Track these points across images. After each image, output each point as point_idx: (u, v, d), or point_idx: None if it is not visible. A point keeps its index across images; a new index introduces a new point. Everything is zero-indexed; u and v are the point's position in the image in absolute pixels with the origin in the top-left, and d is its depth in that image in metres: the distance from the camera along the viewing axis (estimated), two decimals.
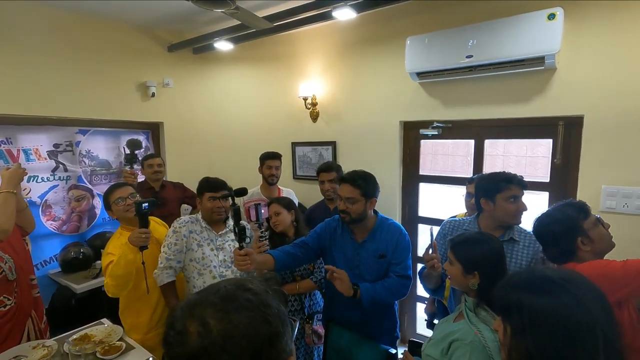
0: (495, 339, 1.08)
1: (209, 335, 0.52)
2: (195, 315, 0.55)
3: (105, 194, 1.99)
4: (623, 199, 1.98)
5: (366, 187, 1.72)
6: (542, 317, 0.73)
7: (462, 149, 6.60)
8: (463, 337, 1.11)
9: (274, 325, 0.56)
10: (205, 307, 0.55)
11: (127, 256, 1.74)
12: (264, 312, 0.56)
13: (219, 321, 0.53)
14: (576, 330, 0.71)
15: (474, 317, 1.16)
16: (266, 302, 0.58)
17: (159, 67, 3.30)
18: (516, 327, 0.76)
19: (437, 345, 1.20)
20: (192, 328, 0.53)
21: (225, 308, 0.55)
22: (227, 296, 0.57)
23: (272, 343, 0.55)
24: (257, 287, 0.60)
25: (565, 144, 2.21)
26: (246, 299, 0.56)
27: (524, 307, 0.76)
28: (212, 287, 0.60)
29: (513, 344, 0.76)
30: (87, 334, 1.86)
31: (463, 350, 1.09)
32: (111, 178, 3.17)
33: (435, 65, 2.35)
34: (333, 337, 1.85)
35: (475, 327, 1.11)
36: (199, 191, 2.02)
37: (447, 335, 1.17)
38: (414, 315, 3.04)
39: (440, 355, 1.17)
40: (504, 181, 1.55)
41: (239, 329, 0.53)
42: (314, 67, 3.24)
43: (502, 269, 1.23)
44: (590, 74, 2.03)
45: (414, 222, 2.93)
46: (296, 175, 3.54)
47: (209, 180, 2.02)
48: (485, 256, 1.19)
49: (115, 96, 3.04)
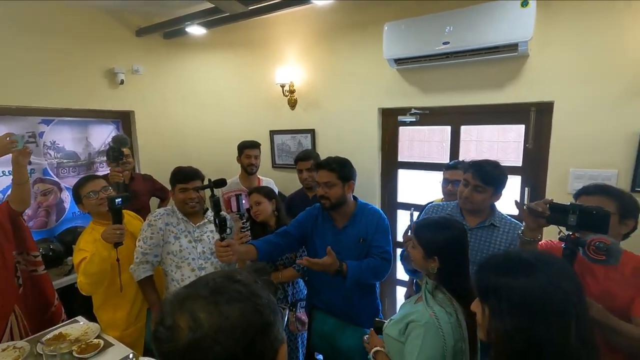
0: (449, 321, 1.12)
1: (200, 328, 0.52)
2: (185, 309, 0.54)
3: (75, 187, 1.89)
4: (589, 181, 2.07)
5: (342, 170, 1.74)
6: (519, 298, 0.76)
7: (437, 135, 6.74)
8: (418, 318, 1.15)
9: (265, 315, 0.56)
10: (195, 300, 0.55)
11: (101, 253, 1.68)
12: (254, 302, 0.56)
13: (210, 314, 0.53)
14: (551, 310, 0.74)
15: (431, 300, 1.19)
16: (256, 292, 0.57)
17: (127, 53, 3.13)
18: (494, 309, 0.79)
19: (396, 325, 1.23)
20: (183, 323, 0.53)
21: (215, 300, 0.54)
22: (216, 288, 0.56)
23: (264, 333, 0.56)
24: (246, 278, 0.59)
25: (536, 129, 2.29)
26: (236, 290, 0.56)
27: (502, 289, 0.78)
28: (201, 280, 0.59)
29: (492, 325, 0.79)
30: (61, 333, 1.80)
31: (418, 331, 1.13)
32: (80, 170, 3.02)
33: (413, 51, 2.35)
34: (317, 324, 1.87)
35: (431, 309, 1.14)
36: (171, 182, 1.94)
37: (406, 316, 1.20)
38: (394, 298, 3.12)
39: (398, 335, 1.21)
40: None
41: (230, 320, 0.53)
42: (291, 53, 3.17)
43: (462, 254, 1.24)
44: (560, 61, 2.09)
45: (393, 208, 2.98)
46: (275, 164, 3.50)
47: (180, 171, 1.93)
48: (445, 242, 1.20)
49: (81, 83, 2.86)
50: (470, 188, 1.58)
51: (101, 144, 3.17)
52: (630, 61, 1.92)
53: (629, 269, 1.28)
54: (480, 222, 1.63)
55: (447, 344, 1.10)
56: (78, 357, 1.62)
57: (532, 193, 2.37)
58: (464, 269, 1.24)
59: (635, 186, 1.95)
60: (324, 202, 1.76)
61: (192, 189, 1.87)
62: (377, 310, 1.91)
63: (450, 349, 1.10)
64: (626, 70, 1.93)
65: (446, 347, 1.09)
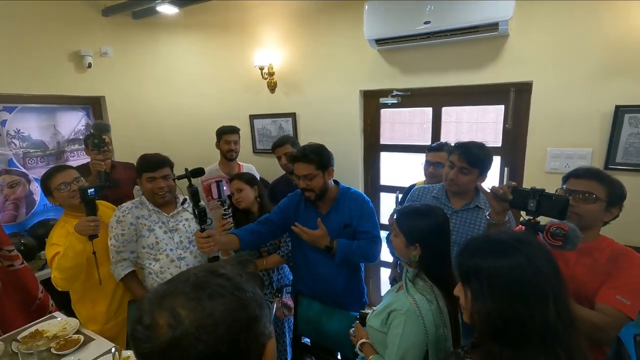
0: (429, 309, 1.12)
1: (181, 326, 0.49)
2: (165, 306, 0.51)
3: (44, 178, 1.78)
4: (566, 160, 2.14)
5: (320, 159, 1.69)
6: (499, 279, 0.77)
7: (418, 117, 6.76)
8: (400, 307, 1.15)
9: (251, 309, 0.54)
10: (175, 296, 0.52)
11: (75, 247, 1.60)
12: (238, 297, 0.53)
13: (191, 310, 0.50)
14: (530, 290, 0.75)
15: (412, 288, 1.18)
16: (240, 286, 0.55)
17: (94, 34, 2.94)
18: (476, 291, 0.79)
19: (378, 316, 1.23)
20: (162, 320, 0.50)
21: (197, 296, 0.51)
22: (198, 283, 0.53)
23: (249, 328, 0.53)
24: (230, 272, 0.56)
25: (515, 110, 2.32)
26: (219, 284, 0.53)
27: (482, 270, 0.79)
28: (182, 275, 0.56)
29: (475, 308, 0.80)
30: (38, 330, 1.73)
31: (399, 320, 1.13)
32: (49, 160, 2.87)
33: (394, 31, 2.31)
34: (302, 309, 1.88)
35: (412, 297, 1.15)
36: (137, 171, 1.82)
37: (387, 306, 1.20)
38: (378, 280, 3.17)
39: (380, 326, 1.21)
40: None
41: (213, 316, 0.50)
42: (269, 35, 3.07)
43: (444, 242, 1.24)
44: (539, 41, 2.10)
45: (376, 191, 2.99)
46: (256, 150, 3.43)
47: (145, 158, 1.81)
48: (427, 229, 1.19)
49: (45, 68, 2.68)
50: (455, 170, 1.58)
51: (71, 131, 3.01)
52: (605, 41, 1.95)
53: (605, 255, 1.26)
54: (465, 204, 1.64)
55: (429, 331, 1.11)
56: (57, 353, 1.57)
57: (511, 172, 2.41)
58: (445, 256, 1.24)
59: (609, 164, 2.02)
60: (309, 195, 1.72)
61: (160, 178, 1.76)
62: (362, 293, 1.92)
63: (432, 336, 1.11)
64: (602, 50, 1.96)
65: (428, 335, 1.11)
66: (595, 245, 1.28)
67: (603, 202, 1.25)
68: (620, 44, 1.91)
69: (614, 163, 2.00)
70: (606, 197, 1.25)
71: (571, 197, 1.25)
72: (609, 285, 1.20)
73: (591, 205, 1.25)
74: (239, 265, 0.60)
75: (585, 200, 1.26)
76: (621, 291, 1.17)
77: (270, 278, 2.05)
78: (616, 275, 1.20)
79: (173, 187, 1.83)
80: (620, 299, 1.16)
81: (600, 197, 1.25)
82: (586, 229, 1.25)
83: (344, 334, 1.67)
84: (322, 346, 1.89)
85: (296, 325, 1.91)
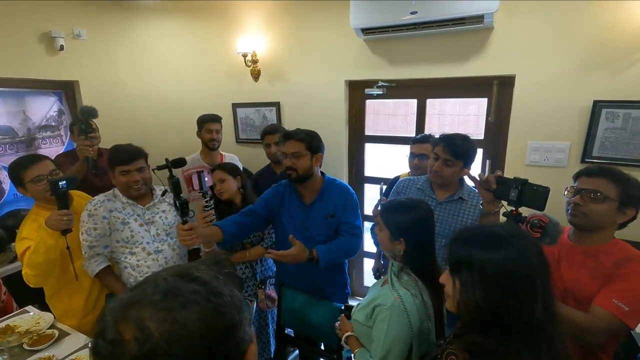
0: (414, 303, 1.13)
1: (150, 339, 0.44)
2: (131, 317, 0.46)
3: (16, 168, 1.65)
4: (545, 153, 2.19)
5: (311, 141, 1.70)
6: (491, 270, 0.77)
7: (402, 109, 6.80)
8: (384, 301, 1.15)
9: (229, 315, 0.49)
10: (142, 307, 0.46)
11: (47, 242, 1.52)
12: (215, 303, 0.49)
13: (161, 322, 0.45)
14: (521, 282, 0.76)
15: (397, 282, 1.18)
16: (217, 290, 0.50)
17: (65, 14, 2.77)
18: (465, 281, 0.80)
19: (363, 310, 1.24)
20: (128, 334, 0.44)
21: (168, 306, 0.46)
22: (168, 290, 0.48)
23: (228, 335, 0.49)
24: (205, 275, 0.52)
25: (498, 103, 2.35)
26: (192, 290, 0.48)
27: (474, 262, 0.79)
28: (150, 281, 0.50)
29: (463, 297, 0.80)
30: (9, 326, 1.66)
31: (384, 314, 1.14)
32: (19, 148, 2.72)
33: (381, 20, 2.28)
34: (286, 301, 1.87)
35: (396, 292, 1.15)
36: (109, 164, 1.71)
37: (372, 300, 1.21)
38: (361, 270, 3.20)
39: (365, 320, 1.22)
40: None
41: (187, 327, 0.45)
42: (253, 20, 2.98)
43: (428, 236, 1.24)
44: (522, 35, 2.12)
45: (360, 182, 2.99)
46: (239, 139, 3.36)
47: (118, 150, 1.71)
48: (412, 223, 1.19)
49: (12, 50, 2.52)
50: (440, 162, 1.58)
51: (42, 117, 2.86)
52: (586, 37, 1.99)
53: (612, 259, 1.17)
54: (449, 195, 1.66)
55: (413, 325, 1.12)
56: (30, 349, 1.51)
57: (492, 165, 2.45)
58: (429, 250, 1.25)
59: (585, 157, 2.08)
60: (291, 173, 1.70)
61: (134, 171, 1.68)
62: (345, 283, 1.93)
63: (417, 329, 1.13)
64: (582, 46, 2.00)
65: (412, 328, 1.12)
66: (604, 248, 1.21)
67: (614, 202, 1.17)
68: (600, 40, 1.96)
69: (591, 157, 2.07)
70: (618, 197, 1.16)
71: (579, 196, 1.21)
72: (608, 289, 1.14)
73: (600, 205, 1.17)
74: (215, 265, 0.56)
75: (593, 200, 1.18)
76: (620, 296, 1.11)
77: (253, 270, 2.02)
78: (618, 279, 1.14)
79: (149, 179, 1.75)
80: (618, 304, 1.10)
81: (610, 196, 1.16)
82: (595, 231, 1.21)
83: (328, 325, 1.68)
84: (305, 337, 1.89)
85: (280, 316, 1.90)
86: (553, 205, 1.59)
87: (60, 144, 3.00)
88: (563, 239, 1.33)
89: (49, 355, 1.48)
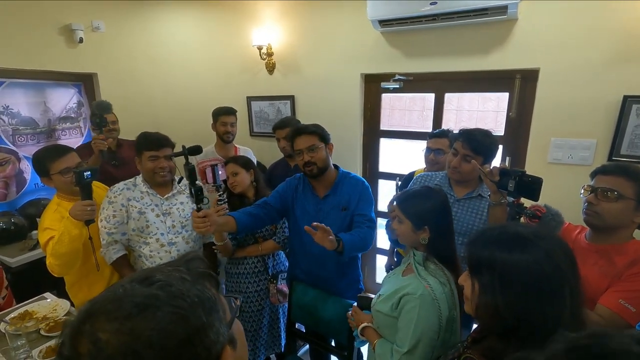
0: (443, 292, 1.11)
1: (102, 353, 0.41)
2: (85, 331, 0.42)
3: (42, 159, 1.66)
4: (569, 150, 2.10)
5: (322, 132, 1.70)
6: (514, 273, 0.73)
7: (418, 104, 6.67)
8: (413, 291, 1.12)
9: (194, 318, 0.45)
10: (96, 318, 0.43)
11: (71, 232, 1.53)
12: (176, 307, 0.44)
13: (115, 334, 0.41)
14: (546, 286, 0.71)
15: (424, 271, 1.17)
16: (179, 293, 0.46)
17: (84, 7, 2.81)
18: (486, 283, 0.76)
19: (387, 300, 1.21)
20: (83, 348, 0.41)
21: (121, 315, 0.43)
22: (124, 297, 0.44)
23: (194, 341, 0.45)
24: (167, 277, 0.48)
25: (520, 98, 2.26)
26: (150, 295, 0.44)
27: (496, 263, 0.75)
28: (110, 290, 0.47)
29: (482, 301, 0.76)
30: (27, 311, 1.71)
31: (413, 303, 1.11)
32: (40, 138, 2.78)
33: (399, 12, 2.22)
34: (297, 296, 1.86)
35: (425, 281, 1.13)
36: (137, 149, 1.75)
37: (397, 290, 1.18)
38: (374, 266, 3.17)
39: (390, 311, 1.19)
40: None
41: (143, 338, 0.41)
42: (268, 12, 2.95)
43: (450, 221, 1.25)
44: (548, 26, 2.03)
45: (374, 178, 2.94)
46: (253, 132, 3.36)
47: (147, 137, 1.74)
48: (433, 210, 1.19)
49: (33, 42, 2.57)
50: (459, 157, 1.53)
51: (62, 109, 2.92)
52: (616, 29, 1.88)
53: (626, 260, 1.13)
54: (467, 192, 1.60)
55: (443, 314, 1.09)
56: (47, 335, 1.54)
57: (512, 162, 2.37)
58: (451, 236, 1.24)
59: (613, 155, 1.98)
60: (311, 169, 1.68)
61: (163, 157, 1.72)
62: (357, 279, 1.90)
63: (445, 318, 1.10)
64: (612, 37, 1.90)
65: (442, 317, 1.09)
66: (620, 248, 1.17)
67: (630, 200, 1.12)
68: (631, 32, 1.84)
69: (619, 155, 1.96)
70: (635, 196, 1.12)
71: (593, 195, 1.18)
72: (615, 288, 1.11)
73: (614, 203, 1.14)
74: (185, 264, 0.52)
75: (607, 199, 1.15)
76: (627, 296, 1.08)
77: (265, 264, 2.02)
78: (627, 279, 1.11)
79: (174, 167, 1.77)
80: (624, 304, 1.07)
81: (626, 195, 1.12)
82: (612, 230, 1.17)
83: (339, 320, 1.66)
84: (316, 332, 1.88)
85: (290, 311, 1.89)
86: (577, 204, 1.53)
87: (80, 135, 3.05)
88: (579, 239, 1.30)
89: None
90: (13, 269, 2.32)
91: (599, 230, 1.22)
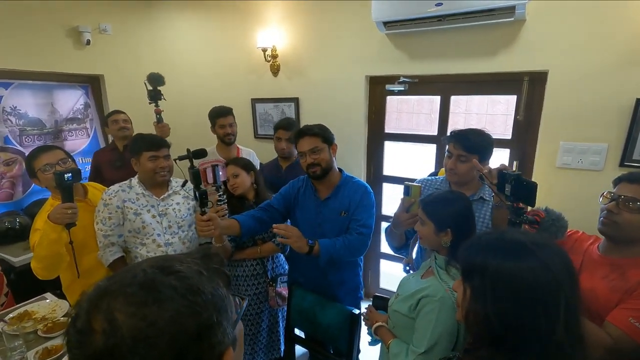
0: None
1: (115, 334, 0.41)
2: (102, 308, 0.43)
3: (29, 158, 1.65)
4: (578, 155, 2.03)
5: (324, 133, 1.68)
6: (506, 281, 0.70)
7: (426, 107, 6.60)
8: (433, 293, 1.12)
9: (205, 315, 0.46)
10: (115, 297, 0.44)
11: (49, 235, 1.48)
12: (191, 301, 0.45)
13: (130, 317, 0.42)
14: (539, 294, 0.68)
15: (445, 274, 1.16)
16: (196, 287, 0.46)
17: (92, 10, 2.84)
18: (477, 290, 0.73)
19: (406, 301, 1.20)
20: (97, 325, 0.42)
21: (140, 300, 0.43)
22: (145, 283, 0.45)
23: (202, 337, 0.45)
24: (187, 269, 0.48)
25: (528, 101, 2.20)
26: (169, 285, 0.45)
27: (488, 270, 0.72)
28: (130, 271, 0.47)
29: (472, 308, 0.73)
30: (27, 311, 1.70)
31: (432, 306, 1.10)
32: (46, 139, 2.82)
33: (403, 13, 2.18)
34: (296, 300, 1.83)
35: (446, 285, 1.12)
36: (134, 151, 1.73)
37: (417, 292, 1.17)
38: (377, 272, 3.12)
39: (408, 311, 1.18)
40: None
41: (155, 326, 0.42)
42: (273, 14, 2.94)
43: (473, 225, 1.25)
44: (557, 27, 1.97)
45: (378, 181, 2.90)
46: (257, 135, 3.35)
47: (145, 137, 1.75)
48: (457, 213, 1.20)
49: (41, 43, 2.61)
50: (453, 158, 1.49)
51: (69, 110, 2.95)
52: (628, 30, 1.82)
53: (639, 276, 1.07)
54: (469, 196, 1.55)
55: None
56: (45, 336, 1.54)
57: (520, 166, 2.31)
58: None
59: (625, 160, 1.91)
60: (315, 170, 1.66)
61: (162, 157, 1.72)
62: (357, 286, 1.86)
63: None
64: (623, 39, 1.83)
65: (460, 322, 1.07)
66: (635, 261, 1.10)
67: None
68: None
69: (631, 160, 1.89)
70: None
71: (614, 203, 1.11)
72: (625, 305, 1.05)
73: (636, 215, 1.07)
74: (202, 259, 0.52)
75: (629, 209, 1.08)
76: (638, 315, 1.02)
77: (264, 267, 1.99)
78: (639, 297, 1.04)
79: (172, 167, 1.78)
80: (634, 323, 1.01)
81: None
82: (629, 243, 1.11)
83: (337, 326, 1.63)
84: (314, 338, 1.85)
85: (289, 316, 1.86)
86: (586, 211, 1.47)
87: (86, 136, 3.09)
88: (591, 249, 1.24)
89: (62, 343, 1.50)
90: (17, 268, 2.34)
91: (614, 241, 1.15)
